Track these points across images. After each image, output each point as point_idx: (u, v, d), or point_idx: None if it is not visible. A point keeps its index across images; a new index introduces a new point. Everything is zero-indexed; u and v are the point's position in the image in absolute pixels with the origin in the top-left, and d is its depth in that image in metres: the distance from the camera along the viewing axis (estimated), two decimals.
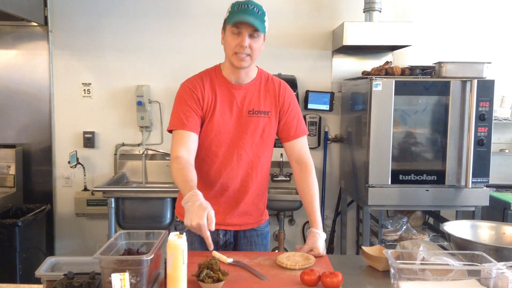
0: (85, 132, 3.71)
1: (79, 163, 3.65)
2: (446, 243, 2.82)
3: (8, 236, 3.09)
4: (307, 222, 3.15)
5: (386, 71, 3.14)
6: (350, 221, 3.81)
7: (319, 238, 1.81)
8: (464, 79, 2.90)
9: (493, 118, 2.94)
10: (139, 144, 3.74)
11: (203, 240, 1.50)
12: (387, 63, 3.36)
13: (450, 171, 2.95)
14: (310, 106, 3.62)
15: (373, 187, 2.95)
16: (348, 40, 3.25)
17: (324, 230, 1.89)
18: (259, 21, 1.76)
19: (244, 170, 1.92)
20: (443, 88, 2.93)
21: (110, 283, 1.25)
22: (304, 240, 2.32)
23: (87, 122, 3.72)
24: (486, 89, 2.89)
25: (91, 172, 3.75)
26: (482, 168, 2.93)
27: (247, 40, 1.77)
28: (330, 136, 3.73)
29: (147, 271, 1.36)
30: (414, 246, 1.67)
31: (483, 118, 2.91)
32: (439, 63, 2.94)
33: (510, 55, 3.71)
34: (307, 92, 3.62)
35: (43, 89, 3.70)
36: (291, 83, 3.41)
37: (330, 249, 3.73)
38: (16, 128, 3.72)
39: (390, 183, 2.95)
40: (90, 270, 1.40)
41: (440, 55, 3.57)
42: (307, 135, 2.00)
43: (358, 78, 3.30)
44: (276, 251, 3.48)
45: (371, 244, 3.02)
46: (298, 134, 1.96)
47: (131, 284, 1.31)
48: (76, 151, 3.63)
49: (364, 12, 3.43)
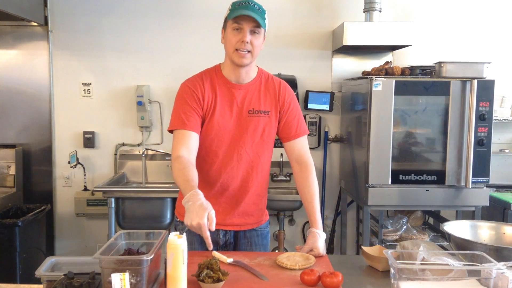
0: (85, 132, 3.71)
1: (79, 163, 3.65)
2: (446, 243, 2.82)
3: (8, 236, 3.09)
4: (307, 222, 3.15)
5: (386, 71, 3.14)
6: (350, 221, 3.81)
7: (319, 238, 1.81)
8: (464, 79, 2.90)
9: (493, 118, 2.94)
10: (139, 144, 3.74)
11: (203, 240, 1.50)
12: (387, 63, 3.36)
13: (450, 171, 2.95)
14: (310, 106, 3.62)
15: (373, 187, 2.95)
16: (348, 40, 3.25)
17: (324, 230, 1.89)
18: (260, 17, 1.77)
19: (244, 169, 1.92)
20: (443, 88, 2.93)
21: (110, 283, 1.26)
22: (304, 240, 2.32)
23: (87, 122, 3.72)
24: (486, 89, 2.90)
25: (91, 172, 3.75)
26: (482, 168, 2.93)
27: (248, 36, 1.77)
28: (330, 136, 3.73)
29: (147, 271, 1.36)
30: (414, 246, 1.67)
31: (483, 118, 2.91)
32: (439, 63, 2.94)
33: (510, 55, 3.71)
34: (307, 92, 3.62)
35: (43, 89, 3.70)
36: (291, 83, 3.41)
37: (330, 249, 3.72)
38: (16, 128, 3.72)
39: (390, 183, 2.95)
40: (90, 270, 1.40)
41: (440, 55, 3.57)
42: (307, 135, 2.00)
43: (358, 78, 3.30)
44: (276, 251, 3.48)
45: (371, 244, 3.02)
46: (299, 134, 1.96)
47: (131, 284, 1.31)
48: (76, 151, 3.63)
49: (364, 12, 3.43)
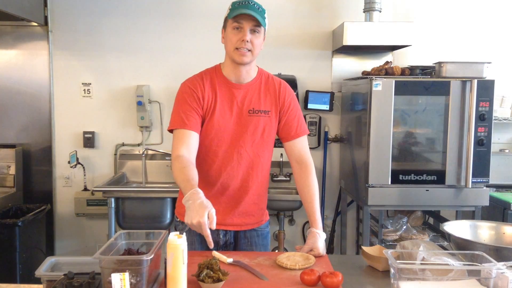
0: (85, 132, 3.71)
1: (79, 163, 3.65)
2: (446, 243, 2.82)
3: (8, 236, 3.09)
4: (307, 222, 3.15)
5: (386, 71, 3.14)
6: (350, 221, 3.81)
7: (319, 238, 1.81)
8: (464, 79, 2.90)
9: (493, 118, 2.94)
10: (139, 144, 3.74)
11: (203, 240, 1.50)
12: (387, 63, 3.35)
13: (450, 171, 2.95)
14: (310, 106, 3.62)
15: (373, 187, 2.95)
16: (348, 40, 3.25)
17: (324, 230, 1.89)
18: (260, 16, 1.77)
19: (245, 169, 1.92)
20: (443, 88, 2.93)
21: (110, 283, 1.26)
22: (304, 240, 2.32)
23: (87, 122, 3.72)
24: (486, 89, 2.90)
25: (91, 172, 3.75)
26: (482, 168, 2.93)
27: (248, 35, 1.78)
28: (330, 136, 3.73)
29: (147, 271, 1.36)
30: (414, 246, 1.67)
31: (483, 118, 2.91)
32: (439, 63, 2.94)
33: (510, 55, 3.71)
34: (307, 92, 3.62)
35: (43, 89, 3.70)
36: (291, 83, 3.40)
37: (330, 249, 3.72)
38: (16, 128, 3.72)
39: (390, 183, 2.95)
40: (90, 270, 1.40)
41: (440, 55, 3.57)
42: (307, 135, 2.00)
43: (358, 78, 3.30)
44: (276, 251, 3.48)
45: (371, 244, 3.02)
46: (299, 134, 1.96)
47: (131, 284, 1.31)
48: (76, 151, 3.63)
49: (364, 12, 3.43)
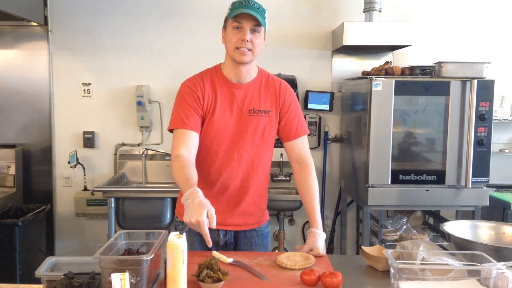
0: (85, 132, 3.71)
1: (79, 163, 3.65)
2: (446, 243, 2.82)
3: (8, 236, 3.09)
4: (307, 222, 3.15)
5: (386, 71, 3.14)
6: (350, 221, 3.81)
7: (319, 238, 1.81)
8: (464, 79, 2.90)
9: (493, 118, 2.94)
10: (139, 144, 3.74)
11: (203, 240, 1.50)
12: (387, 63, 3.35)
13: (450, 171, 2.95)
14: (310, 106, 3.62)
15: (373, 187, 2.95)
16: (348, 40, 3.25)
17: (324, 230, 1.89)
18: (260, 16, 1.78)
19: (245, 169, 1.92)
20: (443, 88, 2.93)
21: (110, 283, 1.26)
22: (304, 240, 2.32)
23: (87, 122, 3.72)
24: (486, 89, 2.90)
25: (91, 172, 3.75)
26: (482, 168, 2.93)
27: (248, 34, 1.78)
28: (330, 136, 3.73)
29: (147, 271, 1.36)
30: (414, 246, 1.67)
31: (483, 118, 2.91)
32: (439, 63, 2.94)
33: (510, 55, 3.71)
34: (307, 92, 3.62)
35: (43, 89, 3.70)
36: (291, 83, 3.40)
37: (330, 249, 3.72)
38: (16, 128, 3.72)
39: (390, 183, 2.95)
40: (90, 270, 1.40)
41: (440, 55, 3.58)
42: (307, 135, 2.00)
43: (358, 78, 3.30)
44: (276, 251, 3.48)
45: (371, 244, 3.02)
46: (299, 134, 1.96)
47: (131, 284, 1.31)
48: (76, 151, 3.63)
49: (364, 12, 3.43)
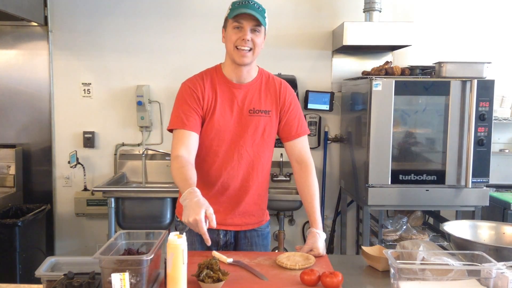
0: (85, 132, 3.71)
1: (79, 163, 3.65)
2: (446, 243, 2.82)
3: (8, 236, 3.09)
4: (307, 222, 3.15)
5: (386, 71, 3.14)
6: (350, 221, 3.81)
7: (319, 238, 1.81)
8: (464, 79, 2.90)
9: (493, 118, 2.94)
10: (139, 144, 3.74)
11: (203, 240, 1.50)
12: (387, 63, 3.35)
13: (450, 171, 2.95)
14: (310, 106, 3.62)
15: (373, 187, 2.95)
16: (348, 40, 3.25)
17: (324, 230, 1.89)
18: (260, 15, 1.78)
19: (245, 169, 1.92)
20: (443, 88, 2.93)
21: (110, 283, 1.26)
22: (304, 240, 2.32)
23: (87, 122, 3.72)
24: (486, 89, 2.90)
25: (91, 172, 3.75)
26: (482, 168, 2.93)
27: (249, 34, 1.78)
28: (330, 136, 3.73)
29: (147, 271, 1.36)
30: (414, 246, 1.67)
31: (483, 118, 2.91)
32: (439, 63, 2.94)
33: (510, 55, 3.70)
34: (307, 92, 3.62)
35: (43, 89, 3.70)
36: (291, 83, 3.38)
37: (330, 249, 3.72)
38: (16, 128, 3.72)
39: (390, 183, 2.95)
40: (90, 270, 1.40)
41: (440, 55, 3.57)
42: (307, 134, 2.00)
43: (358, 78, 3.30)
44: (276, 251, 3.48)
45: (371, 244, 3.02)
46: (299, 134, 1.96)
47: (131, 284, 1.31)
48: (76, 151, 3.62)
49: (364, 12, 3.43)
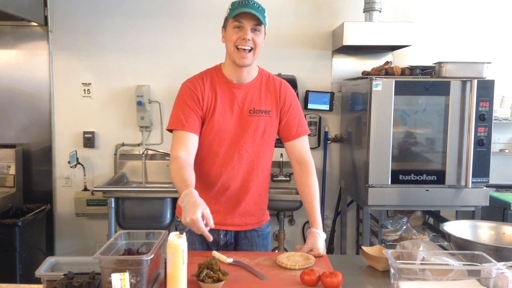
0: (85, 132, 3.71)
1: (79, 163, 3.65)
2: (446, 243, 2.82)
3: (8, 236, 3.09)
4: (307, 222, 3.15)
5: (386, 71, 3.14)
6: (350, 221, 3.81)
7: (319, 238, 1.81)
8: (464, 79, 2.90)
9: (493, 118, 2.94)
10: (139, 144, 3.74)
11: (203, 240, 1.50)
12: (387, 63, 3.35)
13: (450, 171, 2.95)
14: (310, 106, 3.62)
15: (373, 187, 2.95)
16: (348, 40, 3.25)
17: (324, 230, 1.89)
18: (260, 15, 1.78)
19: (245, 169, 1.92)
20: (443, 88, 2.93)
21: (110, 283, 1.26)
22: (304, 240, 2.32)
23: (87, 122, 3.72)
24: (486, 89, 2.90)
25: (91, 172, 3.75)
26: (482, 168, 2.93)
27: (249, 33, 1.78)
28: (330, 136, 3.73)
29: (147, 271, 1.36)
30: (414, 246, 1.67)
31: (483, 118, 2.91)
32: (439, 63, 2.94)
33: (510, 55, 3.70)
34: (307, 92, 3.62)
35: (43, 89, 3.70)
36: (291, 83, 3.36)
37: (330, 249, 3.72)
38: (16, 128, 3.72)
39: (390, 183, 2.95)
40: (90, 270, 1.40)
41: (440, 55, 3.58)
42: (308, 134, 2.00)
43: (358, 78, 3.30)
44: (276, 251, 3.48)
45: (371, 244, 3.02)
46: (299, 134, 1.96)
47: (131, 284, 1.31)
48: (76, 151, 3.62)
49: (364, 12, 3.43)
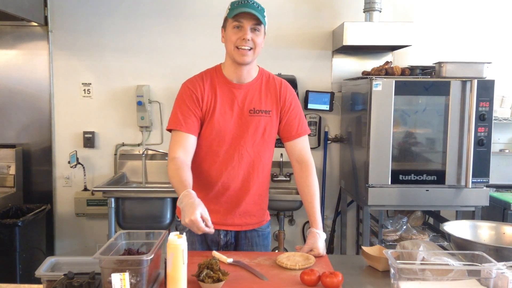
0: (85, 132, 3.71)
1: (79, 163, 3.65)
2: (446, 243, 2.82)
3: (8, 236, 3.09)
4: (307, 222, 3.15)
5: (386, 71, 3.14)
6: (350, 221, 3.81)
7: (319, 238, 1.81)
8: (464, 79, 2.90)
9: (493, 118, 2.94)
10: (139, 144, 3.74)
11: (203, 240, 1.50)
12: (387, 63, 3.35)
13: (450, 171, 2.95)
14: (310, 106, 3.62)
15: (373, 187, 2.95)
16: (348, 40, 3.25)
17: (324, 230, 1.89)
18: (260, 14, 1.78)
19: (245, 169, 1.92)
20: (443, 88, 2.93)
21: (110, 283, 1.26)
22: (304, 240, 2.32)
23: (87, 122, 3.72)
24: (486, 89, 2.90)
25: (91, 172, 3.75)
26: (482, 168, 2.93)
27: (249, 33, 1.78)
28: (330, 136, 3.73)
29: (147, 271, 1.36)
30: (414, 246, 1.67)
31: (483, 118, 2.91)
32: (439, 63, 2.94)
33: (510, 55, 3.70)
34: (307, 92, 3.62)
35: (43, 89, 3.70)
36: (291, 83, 3.35)
37: (330, 249, 3.72)
38: (16, 128, 3.72)
39: (390, 183, 2.95)
40: (90, 270, 1.40)
41: (440, 55, 3.58)
42: (308, 134, 2.00)
43: (358, 78, 3.30)
44: (276, 251, 3.48)
45: (371, 244, 3.02)
46: (300, 134, 1.96)
47: (131, 284, 1.31)
48: (76, 151, 3.63)
49: (364, 12, 3.43)
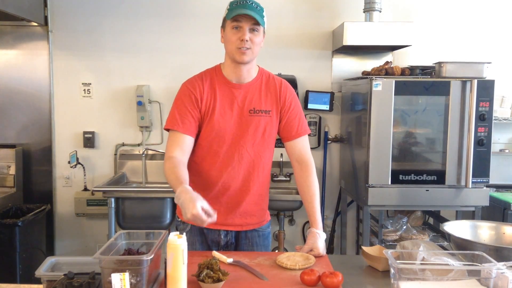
0: (85, 132, 3.71)
1: (79, 163, 3.65)
2: (446, 243, 2.82)
3: (8, 236, 3.09)
4: (307, 222, 3.15)
5: (386, 71, 3.14)
6: (350, 221, 3.80)
7: (319, 238, 1.81)
8: (464, 79, 2.90)
9: (493, 118, 2.94)
10: (139, 144, 3.74)
11: (204, 240, 1.51)
12: (387, 63, 3.35)
13: (450, 171, 2.95)
14: (310, 106, 3.62)
15: (373, 187, 2.95)
16: (348, 40, 3.25)
17: (324, 230, 1.89)
18: (259, 15, 1.78)
19: (246, 169, 1.92)
20: (443, 88, 2.93)
21: (110, 283, 1.26)
22: (304, 240, 2.32)
23: (87, 122, 3.72)
24: (486, 89, 2.90)
25: (91, 172, 3.75)
26: (482, 168, 2.93)
27: (247, 34, 1.78)
28: (330, 136, 3.73)
29: (147, 271, 1.36)
30: (414, 246, 1.67)
31: (483, 118, 2.91)
32: (439, 63, 2.94)
33: (510, 55, 3.70)
34: (307, 92, 3.62)
35: (43, 89, 3.70)
36: (291, 83, 3.35)
37: (330, 249, 3.72)
38: (16, 128, 3.72)
39: (390, 183, 2.95)
40: (90, 270, 1.40)
41: (440, 55, 3.57)
42: (308, 134, 2.00)
43: (358, 78, 3.30)
44: (276, 251, 3.48)
45: (371, 244, 3.02)
46: (300, 134, 1.96)
47: (131, 284, 1.31)
48: (76, 151, 3.63)
49: (364, 12, 3.42)
